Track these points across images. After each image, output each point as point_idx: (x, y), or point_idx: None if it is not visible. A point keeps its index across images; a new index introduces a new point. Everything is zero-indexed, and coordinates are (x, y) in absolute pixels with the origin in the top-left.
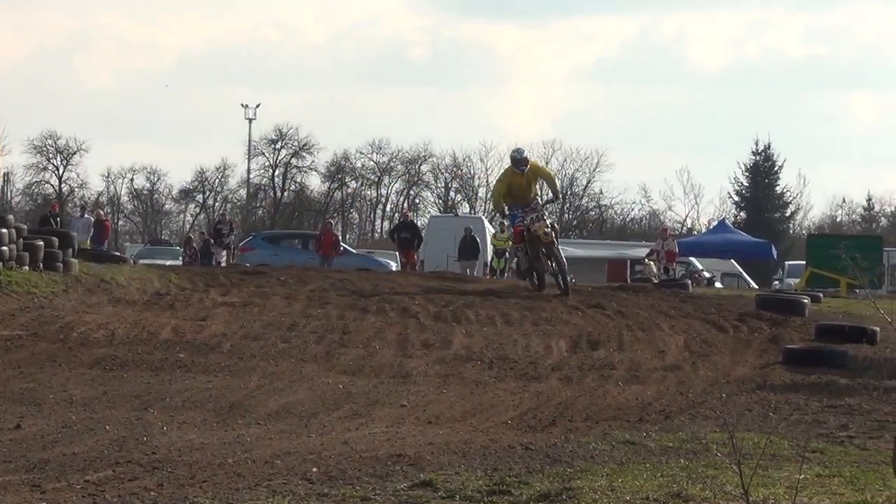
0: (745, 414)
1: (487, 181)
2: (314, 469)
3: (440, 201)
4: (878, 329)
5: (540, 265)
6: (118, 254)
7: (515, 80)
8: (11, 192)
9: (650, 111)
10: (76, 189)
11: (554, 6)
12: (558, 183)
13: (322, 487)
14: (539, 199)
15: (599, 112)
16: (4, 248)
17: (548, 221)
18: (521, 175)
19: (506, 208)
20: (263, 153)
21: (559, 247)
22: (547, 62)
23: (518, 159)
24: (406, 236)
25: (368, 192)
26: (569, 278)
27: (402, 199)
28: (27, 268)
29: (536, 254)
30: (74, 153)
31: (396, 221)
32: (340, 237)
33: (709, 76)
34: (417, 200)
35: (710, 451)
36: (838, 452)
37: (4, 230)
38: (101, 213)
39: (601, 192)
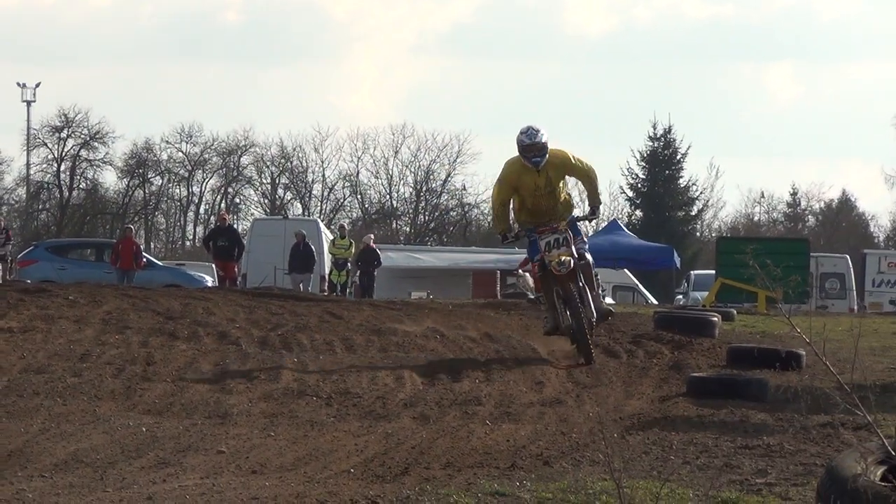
0: (640, 457)
1: (323, 175)
2: None
3: (266, 201)
4: (803, 353)
5: (561, 319)
6: None
7: (354, 50)
8: None
9: (521, 87)
10: None
11: None
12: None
13: None
14: (572, 210)
15: (458, 89)
16: None
17: (574, 247)
18: (537, 171)
19: (515, 228)
20: (46, 143)
21: (587, 284)
22: (391, 28)
23: (528, 145)
24: (223, 244)
25: (177, 191)
26: (592, 327)
27: (218, 198)
28: None
29: (552, 300)
30: None
31: (212, 226)
32: (143, 246)
33: (591, 44)
34: (238, 200)
35: (596, 502)
36: (754, 502)
37: None
38: None
39: (464, 189)
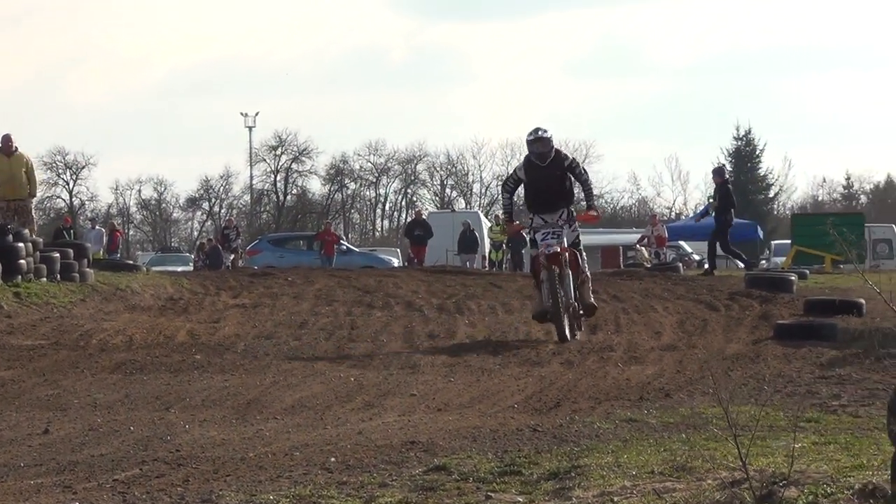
0: (740, 388)
1: (481, 176)
2: (332, 459)
3: (437, 198)
4: (863, 301)
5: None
6: (131, 262)
7: (495, 78)
8: None
9: (629, 102)
10: (86, 202)
11: (521, 5)
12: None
13: (341, 476)
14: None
15: (581, 105)
16: (22, 261)
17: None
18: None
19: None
20: (265, 159)
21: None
22: (523, 59)
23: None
24: (420, 233)
25: (368, 193)
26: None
27: (399, 198)
28: (45, 279)
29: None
30: (83, 168)
31: (408, 220)
32: (341, 237)
33: (677, 68)
34: (414, 199)
35: (709, 425)
36: (832, 421)
37: (21, 244)
38: (115, 223)
39: None
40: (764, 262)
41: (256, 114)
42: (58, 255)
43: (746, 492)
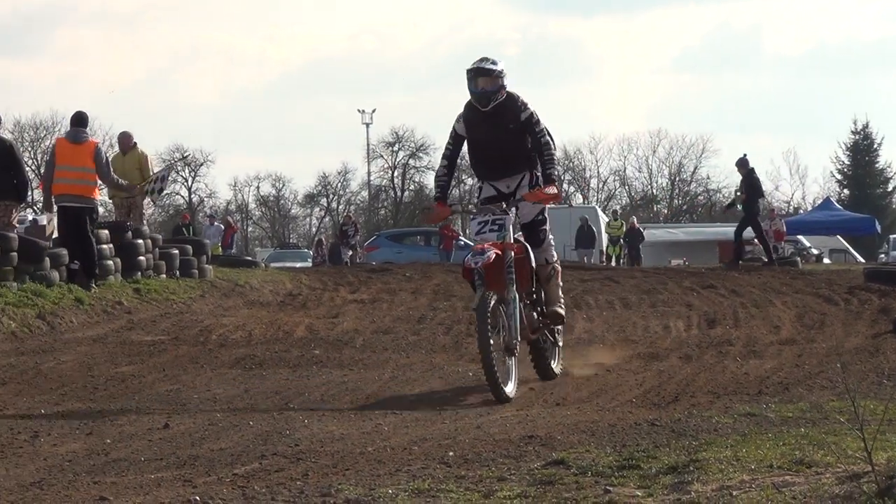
0: (860, 382)
1: (598, 172)
2: (450, 453)
3: None
4: None
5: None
6: (250, 258)
7: (610, 73)
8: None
9: (747, 95)
10: (205, 199)
11: (633, 1)
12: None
13: (459, 470)
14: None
15: (698, 101)
16: (142, 257)
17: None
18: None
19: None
20: (382, 156)
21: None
22: (638, 53)
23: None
24: None
25: None
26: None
27: None
28: (164, 276)
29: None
30: (202, 165)
31: None
32: (461, 233)
33: (796, 62)
34: None
35: (829, 418)
36: None
37: (140, 241)
38: (230, 219)
39: (708, 178)
40: (882, 255)
41: (373, 111)
42: (177, 251)
43: (867, 485)
